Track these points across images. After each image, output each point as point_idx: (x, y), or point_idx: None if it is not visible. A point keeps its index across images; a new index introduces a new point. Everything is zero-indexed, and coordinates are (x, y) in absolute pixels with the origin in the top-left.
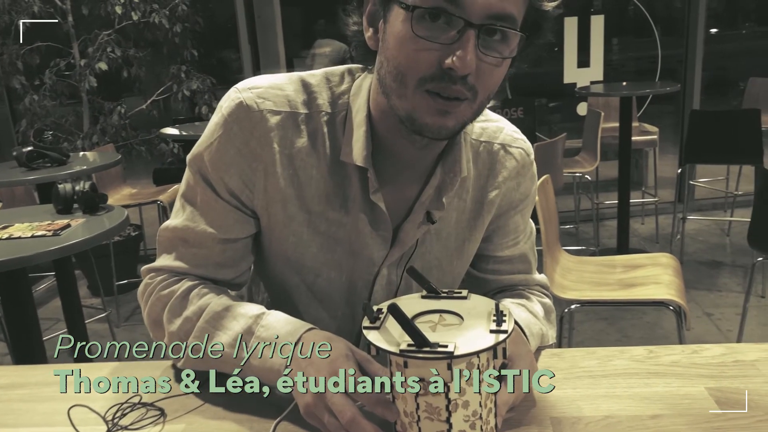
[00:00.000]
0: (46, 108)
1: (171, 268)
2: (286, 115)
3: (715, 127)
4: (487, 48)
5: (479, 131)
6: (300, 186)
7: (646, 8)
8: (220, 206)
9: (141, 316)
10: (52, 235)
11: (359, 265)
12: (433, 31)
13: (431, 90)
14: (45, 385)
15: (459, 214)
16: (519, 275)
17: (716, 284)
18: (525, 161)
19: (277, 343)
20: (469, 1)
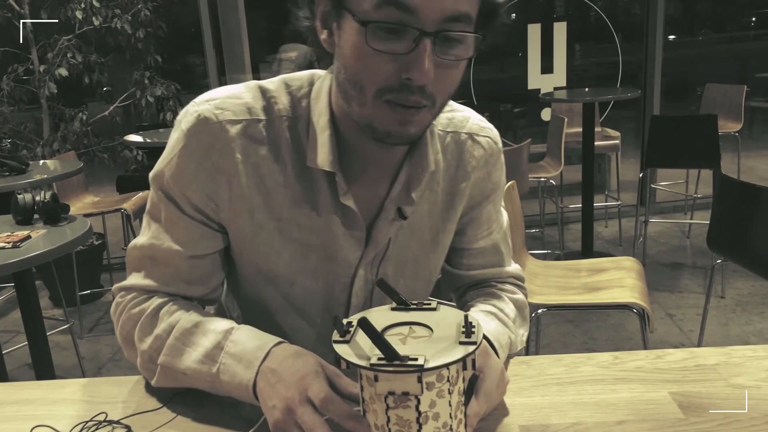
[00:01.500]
0: (3, 114)
1: (141, 286)
2: (246, 123)
3: (674, 132)
4: (445, 52)
5: (446, 122)
6: (267, 194)
7: (606, 15)
8: (185, 222)
9: (104, 327)
10: (11, 247)
11: (335, 268)
12: (389, 43)
13: (391, 100)
14: (7, 404)
15: (431, 206)
16: (492, 269)
17: (678, 285)
18: (493, 149)
19: (244, 358)
20: (421, 8)
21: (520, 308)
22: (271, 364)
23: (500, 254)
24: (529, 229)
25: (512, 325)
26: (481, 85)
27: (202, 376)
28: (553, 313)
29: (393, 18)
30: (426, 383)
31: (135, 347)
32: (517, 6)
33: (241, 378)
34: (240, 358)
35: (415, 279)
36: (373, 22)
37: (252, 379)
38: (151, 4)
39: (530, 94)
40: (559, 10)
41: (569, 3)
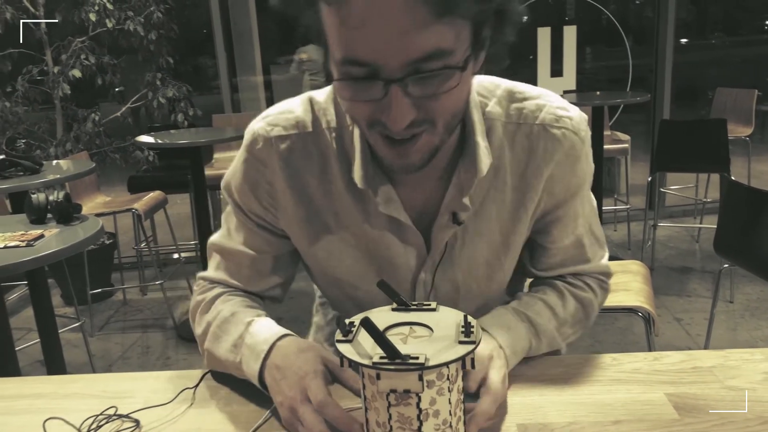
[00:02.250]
0: (18, 115)
1: (211, 277)
2: (295, 137)
3: (683, 137)
4: (424, 87)
5: (515, 113)
6: (318, 204)
7: (617, 18)
8: (249, 227)
9: (114, 326)
10: (25, 245)
11: (396, 274)
12: (361, 92)
13: (383, 134)
14: (20, 397)
15: (499, 206)
16: (570, 267)
17: (686, 290)
18: (573, 141)
19: (255, 350)
20: (380, 62)
21: (584, 307)
22: (275, 359)
23: (582, 247)
24: None
25: (549, 325)
26: None
27: (232, 365)
28: None
29: (357, 73)
30: (427, 381)
31: (195, 331)
32: (528, 9)
33: (252, 369)
34: (252, 350)
35: (489, 281)
36: (339, 79)
37: (257, 370)
38: (164, 7)
39: None
40: (569, 14)
41: (579, 6)
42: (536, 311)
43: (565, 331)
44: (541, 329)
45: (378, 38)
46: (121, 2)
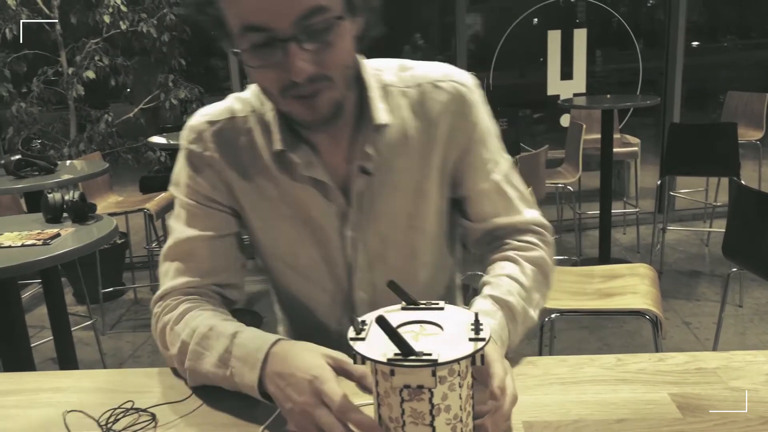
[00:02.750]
0: (33, 115)
1: (173, 287)
2: (224, 121)
3: (693, 140)
4: (314, 40)
5: (409, 78)
6: (252, 177)
7: (627, 21)
8: (203, 211)
9: (126, 324)
10: (42, 244)
11: (326, 235)
12: (264, 57)
13: (293, 95)
14: (40, 391)
15: (408, 159)
16: (504, 217)
17: (695, 293)
18: (461, 92)
19: (248, 361)
20: (271, 22)
21: (540, 266)
22: (275, 367)
23: (507, 198)
24: None
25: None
26: (500, 90)
27: (221, 379)
28: (568, 319)
29: (255, 40)
30: (439, 377)
31: (170, 353)
32: (538, 12)
33: (248, 380)
34: (245, 361)
35: (412, 231)
36: (243, 49)
37: (256, 380)
38: (177, 9)
39: (549, 100)
40: (580, 17)
41: (590, 9)
42: (507, 291)
43: (533, 298)
44: (516, 311)
45: (265, 3)
46: (134, 4)
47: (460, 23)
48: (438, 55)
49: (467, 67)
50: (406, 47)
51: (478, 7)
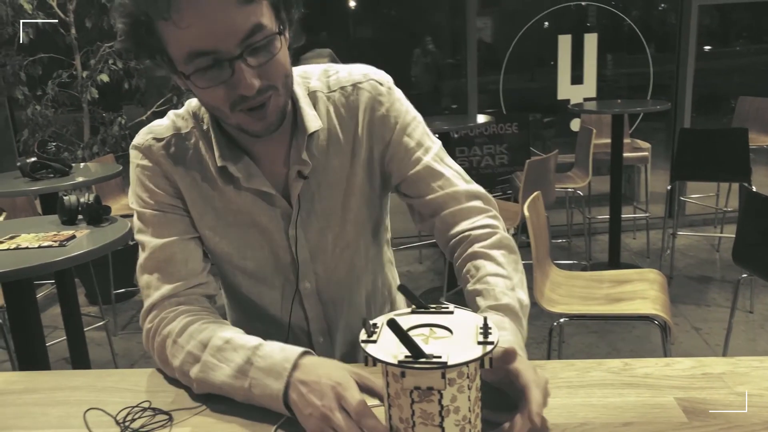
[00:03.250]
0: (47, 118)
1: (162, 296)
2: (171, 137)
3: (703, 145)
4: (258, 56)
5: (333, 82)
6: (201, 188)
7: (638, 26)
8: (168, 218)
9: (137, 325)
10: (58, 245)
11: (272, 236)
12: (213, 77)
13: (242, 109)
14: (58, 389)
15: (340, 158)
16: (442, 191)
17: (705, 299)
18: (379, 89)
19: (273, 371)
20: (219, 45)
21: (506, 247)
22: (300, 375)
23: (439, 174)
24: (555, 239)
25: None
26: (510, 94)
27: (236, 391)
28: (577, 324)
29: (203, 63)
30: (448, 379)
31: (171, 365)
32: (549, 17)
33: (272, 390)
34: (269, 372)
35: (344, 224)
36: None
37: (282, 389)
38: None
39: (560, 105)
40: (590, 21)
41: (601, 14)
42: (500, 292)
43: (518, 281)
44: (516, 309)
45: (211, 29)
46: None
47: (471, 27)
48: (448, 59)
49: (477, 70)
50: (416, 51)
51: (488, 11)
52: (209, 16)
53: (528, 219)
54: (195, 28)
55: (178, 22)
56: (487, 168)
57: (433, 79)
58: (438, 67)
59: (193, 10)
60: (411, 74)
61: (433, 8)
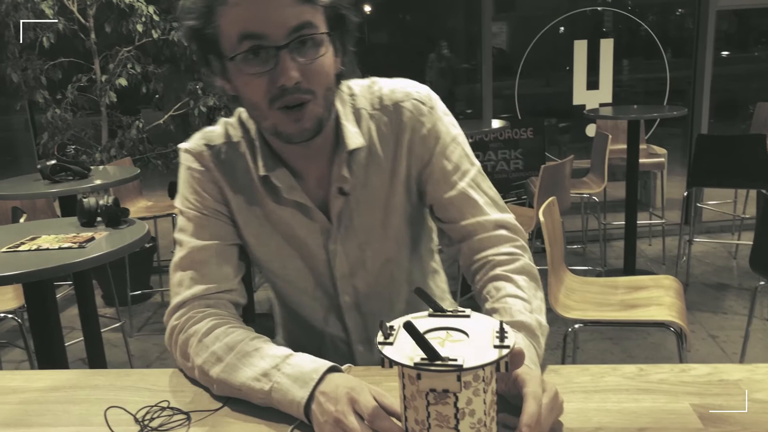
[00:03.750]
0: (66, 121)
1: (191, 296)
2: (221, 145)
3: (721, 152)
4: (303, 54)
5: (376, 101)
6: (247, 196)
7: (655, 31)
8: (210, 222)
9: (153, 327)
10: (77, 247)
11: (311, 249)
12: (257, 65)
13: (280, 107)
14: (79, 388)
15: (380, 177)
16: (473, 218)
17: (722, 307)
18: (420, 109)
19: (300, 379)
20: (268, 31)
21: (528, 273)
22: (324, 388)
23: (474, 202)
24: (571, 245)
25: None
26: (525, 99)
27: (255, 393)
28: (592, 330)
29: (252, 45)
30: (464, 382)
31: (192, 363)
32: (564, 22)
33: (294, 396)
34: (296, 379)
35: (384, 240)
36: (236, 54)
37: (305, 397)
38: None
39: (575, 110)
40: (606, 26)
41: (617, 19)
42: (517, 311)
43: (538, 306)
44: (532, 326)
45: (264, 12)
46: (166, 14)
47: (486, 32)
48: (463, 64)
49: (493, 75)
50: (431, 55)
51: (504, 16)
52: (265, 3)
53: (543, 224)
54: (249, 9)
55: (234, 5)
56: (502, 173)
57: (448, 83)
58: (453, 71)
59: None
60: (426, 79)
61: (449, 13)
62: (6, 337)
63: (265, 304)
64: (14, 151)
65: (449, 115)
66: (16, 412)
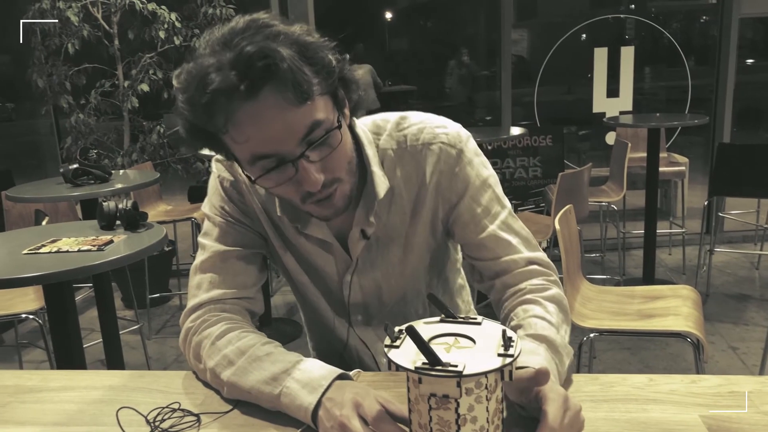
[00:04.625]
0: (89, 126)
1: (209, 299)
2: None
3: (743, 161)
4: (321, 152)
5: (402, 139)
6: (272, 215)
7: (677, 38)
8: (235, 229)
9: (171, 330)
10: (96, 250)
11: (327, 278)
12: (277, 177)
13: (312, 202)
14: (93, 388)
15: (401, 217)
16: (505, 257)
17: (743, 318)
18: (448, 153)
19: (309, 384)
20: (278, 147)
21: (558, 303)
22: (331, 394)
23: (504, 242)
24: (589, 254)
25: (559, 337)
26: (545, 106)
27: (264, 396)
28: (609, 340)
29: (268, 164)
30: (465, 389)
31: (204, 365)
32: (585, 29)
33: (302, 401)
34: (305, 384)
35: (402, 278)
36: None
37: (313, 403)
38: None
39: (595, 117)
40: (628, 34)
41: (639, 27)
42: (541, 327)
43: (565, 331)
44: (556, 343)
45: (269, 135)
46: (188, 20)
47: (506, 39)
48: (483, 71)
49: (512, 82)
50: (451, 62)
51: (525, 23)
52: (267, 125)
53: (559, 232)
54: (254, 137)
55: (236, 137)
56: (520, 180)
57: (467, 90)
58: (473, 78)
59: (250, 122)
60: (446, 86)
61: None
62: (27, 338)
63: (282, 308)
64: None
65: (480, 155)
66: (31, 411)
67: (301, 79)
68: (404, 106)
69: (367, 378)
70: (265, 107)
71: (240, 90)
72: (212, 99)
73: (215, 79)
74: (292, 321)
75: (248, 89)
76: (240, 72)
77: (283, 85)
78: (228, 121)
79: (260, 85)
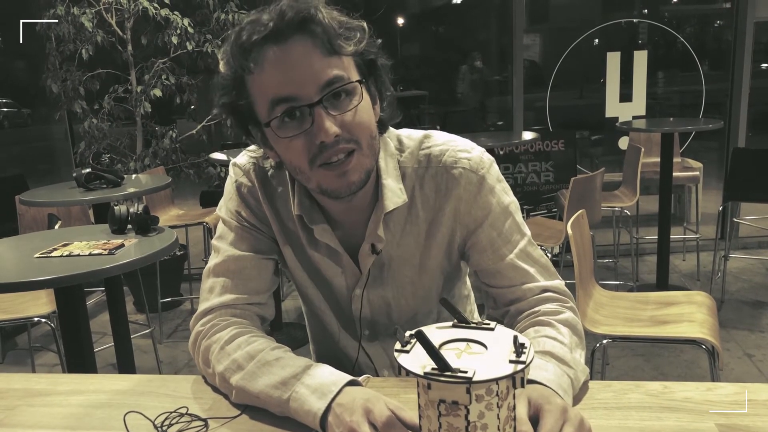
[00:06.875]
0: (103, 131)
1: (220, 303)
2: (269, 167)
3: (758, 165)
4: (338, 107)
5: (423, 159)
6: (285, 223)
7: (691, 43)
8: (249, 234)
9: (182, 334)
10: (107, 253)
11: (335, 290)
12: (294, 127)
13: (323, 163)
14: (101, 392)
15: (416, 236)
16: (521, 286)
17: (759, 324)
18: (470, 178)
19: (319, 390)
20: (298, 92)
21: (572, 327)
22: (341, 399)
23: (522, 270)
24: (602, 259)
25: (569, 354)
26: (557, 111)
27: (272, 401)
28: (623, 346)
29: (285, 109)
30: (475, 395)
31: (213, 369)
32: (598, 33)
33: (311, 406)
34: (315, 390)
35: (413, 298)
36: (271, 119)
37: (322, 409)
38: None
39: (608, 122)
40: (642, 38)
41: (652, 31)
42: (551, 345)
43: (580, 354)
44: (566, 358)
45: (291, 74)
46: (200, 26)
47: (518, 44)
48: (495, 76)
49: (524, 87)
50: (463, 67)
51: (537, 28)
52: (291, 67)
53: (570, 237)
54: (276, 74)
55: (260, 73)
56: (532, 185)
57: (479, 95)
58: (485, 83)
59: (276, 61)
60: (458, 90)
61: (481, 26)
62: (40, 341)
63: (293, 313)
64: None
65: (502, 180)
66: (40, 414)
67: (333, 33)
68: (416, 111)
69: (377, 383)
70: (293, 51)
71: (273, 33)
72: (248, 39)
73: (254, 28)
74: (303, 326)
75: (280, 33)
76: (276, 22)
77: (315, 36)
78: (257, 62)
79: (292, 32)
